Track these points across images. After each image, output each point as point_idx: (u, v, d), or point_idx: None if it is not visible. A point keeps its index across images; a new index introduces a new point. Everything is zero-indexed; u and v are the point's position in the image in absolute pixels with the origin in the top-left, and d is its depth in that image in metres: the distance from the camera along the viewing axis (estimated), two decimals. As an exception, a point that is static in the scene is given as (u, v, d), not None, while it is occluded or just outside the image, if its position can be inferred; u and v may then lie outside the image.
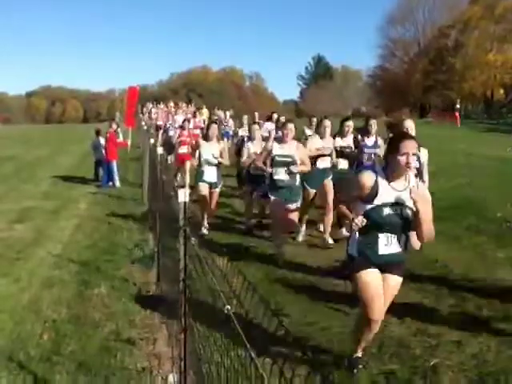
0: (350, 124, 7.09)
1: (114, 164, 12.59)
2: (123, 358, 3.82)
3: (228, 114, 20.41)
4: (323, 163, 6.89)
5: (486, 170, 12.45)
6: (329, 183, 6.91)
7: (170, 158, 12.97)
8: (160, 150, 6.94)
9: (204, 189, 7.36)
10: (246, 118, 13.78)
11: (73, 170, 15.16)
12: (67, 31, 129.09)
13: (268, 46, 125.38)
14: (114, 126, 13.09)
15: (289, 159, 6.06)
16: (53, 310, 4.77)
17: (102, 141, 12.90)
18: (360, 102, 64.79)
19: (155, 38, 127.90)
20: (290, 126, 6.18)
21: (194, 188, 7.67)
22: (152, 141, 9.60)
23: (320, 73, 73.03)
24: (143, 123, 22.08)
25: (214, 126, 7.68)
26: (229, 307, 1.95)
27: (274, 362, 1.37)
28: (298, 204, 6.27)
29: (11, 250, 6.79)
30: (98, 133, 13.34)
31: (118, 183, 12.52)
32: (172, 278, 3.54)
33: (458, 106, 37.68)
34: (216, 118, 21.27)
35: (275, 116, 12.16)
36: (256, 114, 17.01)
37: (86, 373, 3.62)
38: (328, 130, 6.93)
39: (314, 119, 8.96)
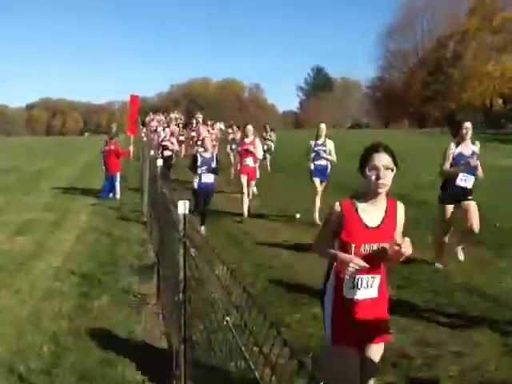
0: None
1: (118, 176, 12.60)
2: (124, 370, 3.81)
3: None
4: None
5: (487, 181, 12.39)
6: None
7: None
8: (160, 162, 6.96)
9: None
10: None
11: (74, 182, 15.18)
12: (67, 44, 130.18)
13: (267, 58, 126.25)
14: (114, 141, 12.75)
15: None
16: (53, 321, 4.77)
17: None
18: (360, 113, 65.03)
19: (155, 50, 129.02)
20: None
21: None
22: (152, 152, 9.63)
23: (319, 84, 73.35)
24: (142, 134, 22.24)
25: None
26: (228, 318, 1.97)
27: (274, 373, 1.39)
28: None
29: (12, 262, 6.79)
30: (107, 142, 13.33)
31: (118, 195, 12.52)
32: (172, 289, 3.55)
33: None
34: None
35: None
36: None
37: (87, 385, 3.62)
38: None
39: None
